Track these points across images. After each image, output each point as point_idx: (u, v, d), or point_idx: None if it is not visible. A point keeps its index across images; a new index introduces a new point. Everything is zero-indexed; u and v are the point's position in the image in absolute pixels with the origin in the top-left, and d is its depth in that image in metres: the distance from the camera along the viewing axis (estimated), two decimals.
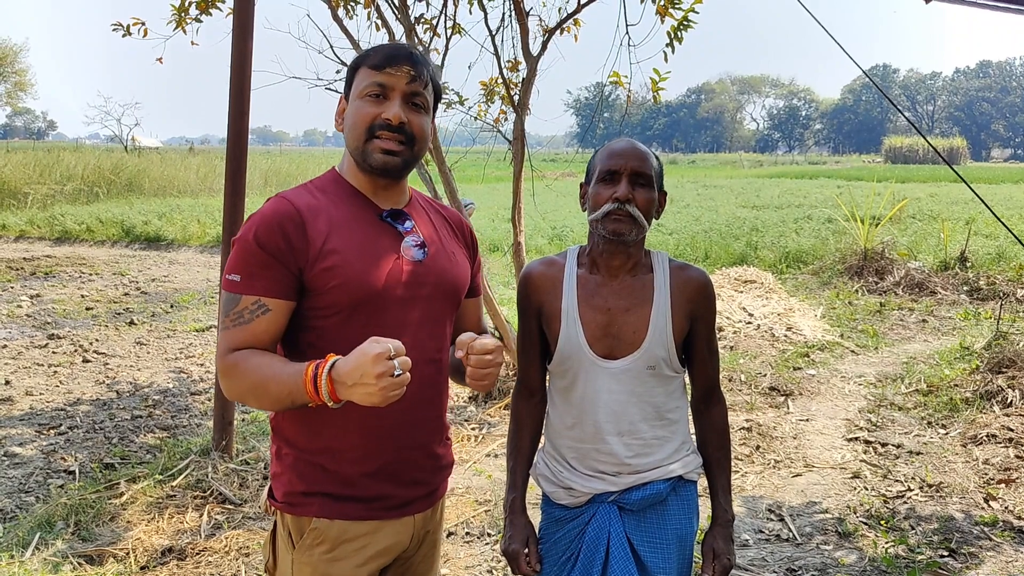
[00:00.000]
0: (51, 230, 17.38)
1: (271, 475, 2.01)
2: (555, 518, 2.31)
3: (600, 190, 2.19)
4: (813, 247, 13.72)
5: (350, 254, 1.87)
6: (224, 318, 1.85)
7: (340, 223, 1.90)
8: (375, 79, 1.91)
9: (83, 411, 6.36)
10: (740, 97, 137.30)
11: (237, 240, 1.85)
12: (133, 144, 44.39)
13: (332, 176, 2.01)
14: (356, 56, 2.00)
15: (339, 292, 1.85)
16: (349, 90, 1.97)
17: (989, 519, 4.50)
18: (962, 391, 6.53)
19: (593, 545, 2.21)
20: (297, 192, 1.92)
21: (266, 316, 1.83)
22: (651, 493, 2.22)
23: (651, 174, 2.19)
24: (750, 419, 6.08)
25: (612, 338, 2.19)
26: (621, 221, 2.15)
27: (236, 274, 1.83)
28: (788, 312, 9.28)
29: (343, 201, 1.95)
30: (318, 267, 1.84)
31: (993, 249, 12.83)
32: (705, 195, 26.89)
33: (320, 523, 1.92)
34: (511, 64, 7.01)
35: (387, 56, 1.91)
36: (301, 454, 1.94)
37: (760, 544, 4.30)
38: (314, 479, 1.93)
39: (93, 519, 4.36)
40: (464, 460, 5.35)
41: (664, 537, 2.24)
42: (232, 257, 1.85)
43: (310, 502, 1.93)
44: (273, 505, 1.99)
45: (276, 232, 1.82)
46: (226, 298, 1.85)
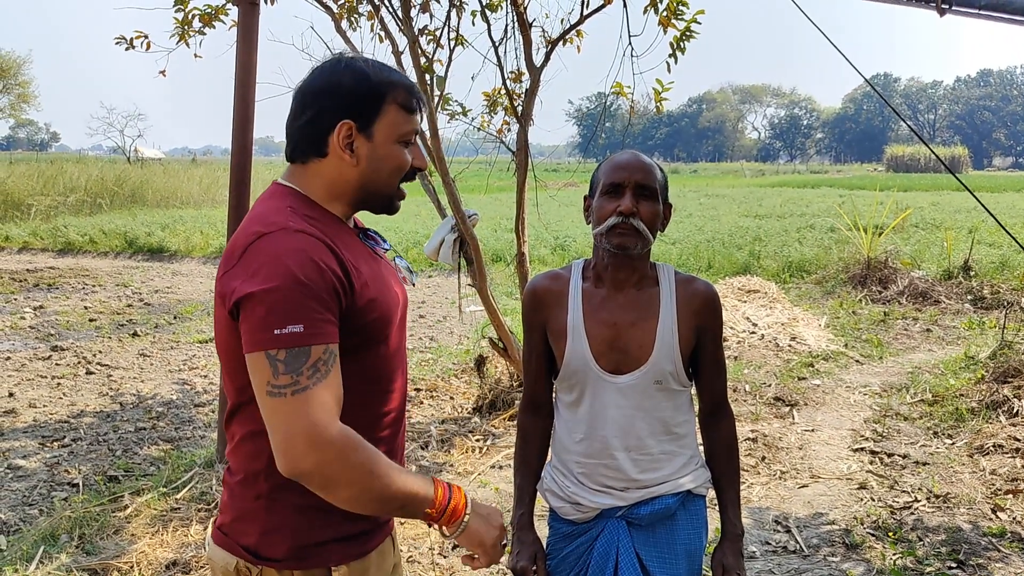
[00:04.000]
0: (54, 242, 17.41)
1: (258, 532, 1.72)
2: (563, 533, 2.29)
3: (604, 203, 2.18)
4: (816, 256, 13.70)
5: (375, 284, 1.76)
6: (296, 377, 1.55)
7: (355, 252, 1.76)
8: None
9: (87, 423, 6.35)
10: (741, 106, 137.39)
11: (276, 289, 1.56)
12: (136, 155, 44.51)
13: (301, 199, 1.77)
14: None
15: (375, 324, 1.75)
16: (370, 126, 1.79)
17: (997, 530, 4.48)
18: (968, 401, 6.51)
19: (602, 561, 2.19)
20: (299, 222, 1.67)
21: (336, 364, 1.62)
22: (660, 508, 2.20)
23: (655, 186, 2.18)
24: (755, 429, 6.07)
25: (619, 352, 2.17)
26: (626, 235, 2.13)
27: (296, 324, 1.55)
28: (792, 322, 9.26)
29: (337, 225, 1.78)
30: (362, 300, 1.69)
31: (997, 258, 12.81)
32: (707, 204, 26.90)
33: (341, 570, 1.75)
34: (514, 75, 7.01)
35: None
36: (308, 499, 1.65)
37: (767, 556, 4.28)
38: (328, 524, 1.73)
39: (97, 532, 4.35)
40: (469, 472, 5.34)
41: (673, 552, 2.22)
42: (278, 307, 1.56)
43: (329, 549, 1.75)
44: (264, 566, 1.72)
45: (320, 269, 1.60)
46: (290, 356, 1.55)
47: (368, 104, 1.75)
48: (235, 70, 4.94)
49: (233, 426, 1.77)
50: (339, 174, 1.77)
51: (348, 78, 1.75)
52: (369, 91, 1.75)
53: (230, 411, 1.77)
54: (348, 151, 1.75)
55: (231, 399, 1.75)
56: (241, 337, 1.60)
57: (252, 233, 1.65)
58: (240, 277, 1.61)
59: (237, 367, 1.67)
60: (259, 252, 1.61)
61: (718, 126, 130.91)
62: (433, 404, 6.77)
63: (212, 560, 1.81)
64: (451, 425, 6.26)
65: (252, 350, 1.57)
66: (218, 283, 1.69)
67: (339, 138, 1.74)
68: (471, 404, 6.61)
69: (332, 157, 1.76)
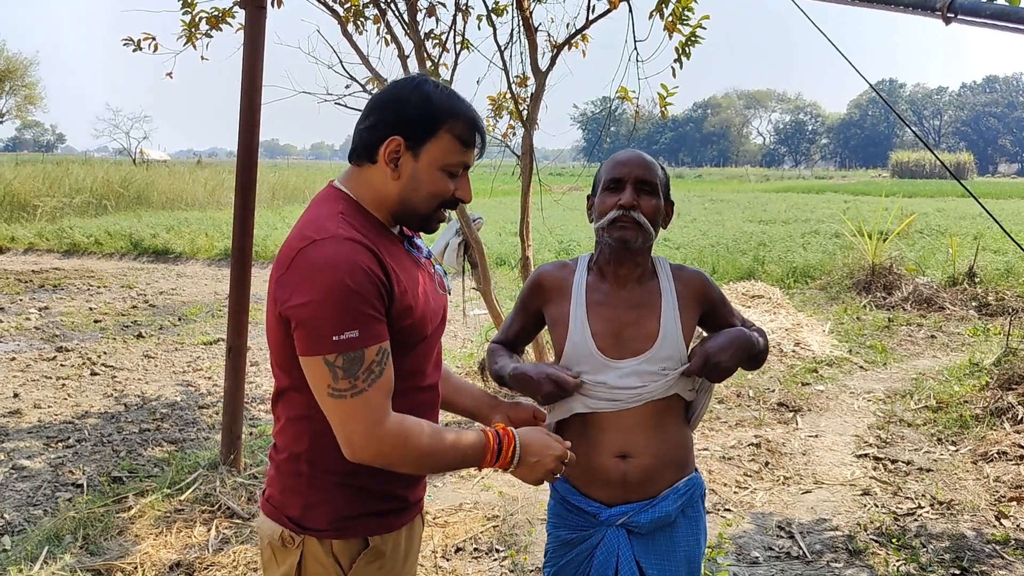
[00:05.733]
0: (60, 243, 17.44)
1: (301, 505, 1.89)
2: (563, 541, 2.30)
3: (605, 199, 2.22)
4: (820, 262, 13.69)
5: (412, 291, 1.87)
6: (354, 381, 1.72)
7: (398, 260, 1.87)
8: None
9: (91, 424, 6.37)
10: (746, 112, 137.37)
11: (330, 297, 1.69)
12: (141, 157, 44.61)
13: (352, 204, 1.88)
14: None
15: (409, 330, 1.86)
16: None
17: (1001, 537, 4.47)
18: (972, 407, 6.50)
19: (602, 569, 2.20)
20: (348, 230, 1.78)
21: (389, 360, 1.78)
22: (660, 515, 2.21)
23: (656, 182, 2.21)
24: (759, 435, 6.06)
25: (622, 343, 2.20)
26: (627, 228, 2.17)
27: (352, 329, 1.70)
28: (796, 327, 9.26)
29: (383, 232, 1.89)
30: (399, 306, 1.81)
31: (1002, 264, 12.80)
32: (712, 209, 26.91)
33: (376, 540, 1.91)
34: (519, 79, 7.03)
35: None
36: (345, 478, 1.87)
37: (770, 561, 4.27)
38: (364, 500, 1.90)
39: (101, 533, 4.36)
40: (472, 475, 5.34)
41: (673, 559, 2.23)
42: (334, 315, 1.70)
43: (364, 522, 1.91)
44: (306, 535, 1.88)
45: (368, 275, 1.73)
46: (346, 361, 1.71)
47: (423, 126, 1.84)
48: (242, 73, 4.96)
49: (278, 409, 1.93)
50: (382, 184, 1.87)
51: (414, 97, 1.85)
52: (428, 114, 1.84)
53: (276, 394, 1.94)
54: (392, 165, 1.86)
55: (277, 384, 1.92)
56: (295, 339, 1.75)
57: (305, 238, 1.77)
58: (293, 284, 1.74)
59: (284, 357, 1.83)
60: (311, 260, 1.73)
61: (723, 131, 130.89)
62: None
63: (260, 528, 1.98)
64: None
65: (310, 354, 1.73)
66: (272, 283, 1.82)
67: (387, 150, 1.84)
68: None
69: (379, 166, 1.86)
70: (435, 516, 4.73)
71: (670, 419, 2.23)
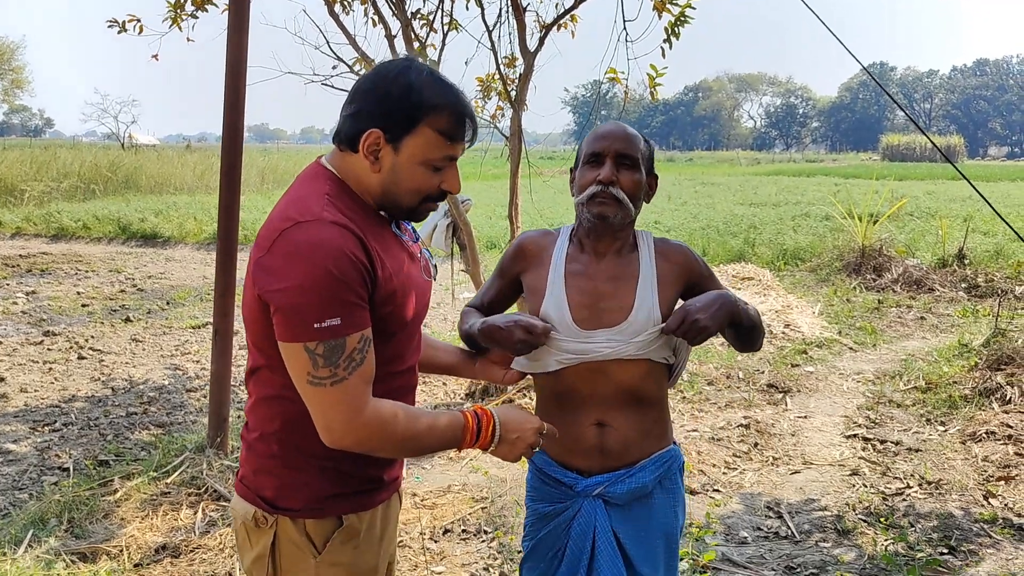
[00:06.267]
0: (47, 227, 17.33)
1: (275, 486, 1.86)
2: (541, 514, 2.28)
3: (585, 173, 2.18)
4: (811, 244, 13.69)
5: (397, 277, 1.83)
6: (334, 370, 1.68)
7: (384, 244, 1.83)
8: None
9: (78, 408, 6.33)
10: (737, 95, 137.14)
11: (312, 284, 1.65)
12: (130, 141, 44.34)
13: (338, 184, 1.83)
14: None
15: (391, 316, 1.83)
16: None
17: (989, 516, 4.48)
18: (961, 388, 6.51)
19: (580, 540, 2.18)
20: (333, 212, 1.74)
21: (370, 349, 1.75)
22: (636, 486, 2.18)
23: (637, 156, 2.17)
24: (748, 416, 6.06)
25: (597, 314, 2.16)
26: (606, 204, 2.12)
27: (334, 317, 1.67)
28: (786, 309, 9.26)
29: (370, 215, 1.85)
30: (382, 292, 1.78)
31: (991, 246, 12.82)
32: (703, 192, 26.87)
33: (351, 519, 1.89)
34: (508, 60, 6.98)
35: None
36: (319, 459, 1.84)
37: (759, 542, 4.27)
38: (338, 480, 1.87)
39: (87, 516, 4.33)
40: (461, 456, 5.32)
41: (650, 530, 2.21)
42: (315, 302, 1.66)
43: (338, 502, 1.88)
44: (280, 515, 1.86)
45: (352, 261, 1.69)
46: (327, 349, 1.67)
47: (403, 120, 1.78)
48: (226, 53, 4.90)
49: (251, 386, 1.90)
50: (364, 174, 1.83)
51: (396, 88, 1.78)
52: (408, 107, 1.77)
53: (249, 371, 1.89)
54: (372, 157, 1.80)
55: (251, 361, 1.88)
56: (275, 324, 1.71)
57: (288, 219, 1.72)
58: (275, 267, 1.69)
59: (260, 336, 1.79)
60: (294, 243, 1.69)
61: (714, 115, 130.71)
62: (426, 390, 6.75)
63: (234, 509, 1.95)
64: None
65: (290, 340, 1.69)
66: (252, 263, 1.77)
67: (366, 143, 1.79)
68: (464, 390, 6.59)
69: (360, 156, 1.81)
70: (423, 498, 4.72)
71: (648, 389, 2.20)
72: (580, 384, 2.17)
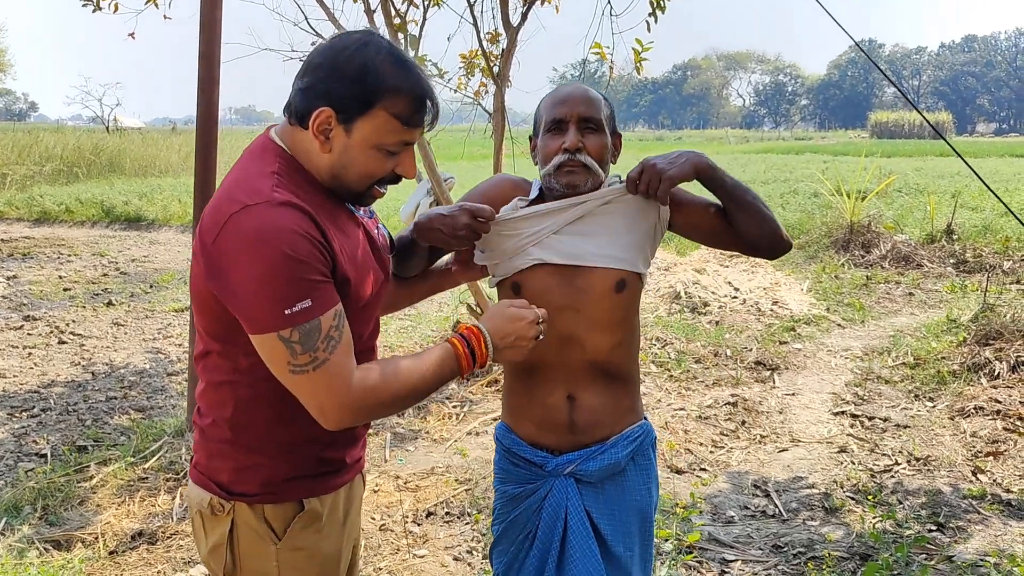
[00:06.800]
0: (30, 211, 17.14)
1: (230, 470, 1.78)
2: (510, 496, 2.19)
3: (548, 141, 2.07)
4: (799, 221, 13.62)
5: (351, 256, 1.75)
6: (314, 354, 1.61)
7: (338, 223, 1.75)
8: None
9: (57, 393, 6.23)
10: (726, 73, 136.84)
11: (274, 270, 1.56)
12: (115, 125, 43.95)
13: (287, 161, 1.73)
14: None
15: (346, 300, 1.73)
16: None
17: (977, 492, 4.44)
18: (949, 363, 6.47)
19: (551, 521, 2.10)
20: (282, 192, 1.64)
21: (345, 323, 1.67)
22: (609, 463, 2.10)
23: (600, 117, 2.07)
24: (735, 394, 6.00)
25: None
26: (575, 172, 2.03)
27: (303, 300, 1.58)
28: (774, 286, 9.20)
29: (321, 193, 1.75)
30: (338, 272, 1.69)
31: (979, 221, 12.76)
32: None
33: (312, 503, 1.82)
34: (491, 35, 6.86)
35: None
36: (274, 443, 1.78)
37: (746, 521, 4.22)
38: (296, 463, 1.80)
39: (61, 503, 4.25)
40: (445, 439, 5.26)
41: (623, 509, 2.13)
42: (282, 288, 1.57)
43: (297, 485, 1.81)
44: (236, 501, 1.78)
45: (308, 239, 1.60)
46: (303, 334, 1.59)
47: (357, 102, 1.67)
48: (199, 26, 4.78)
49: (201, 370, 1.81)
50: (315, 152, 1.73)
51: (351, 67, 1.67)
52: (363, 90, 1.67)
53: (198, 356, 1.80)
54: (323, 137, 1.70)
55: (201, 346, 1.78)
56: (241, 319, 1.62)
57: (235, 202, 1.62)
58: (229, 257, 1.59)
59: (209, 321, 1.71)
60: (244, 230, 1.59)
61: (703, 93, 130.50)
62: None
63: (188, 497, 1.87)
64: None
65: (261, 332, 1.60)
66: (199, 247, 1.66)
67: (316, 121, 1.68)
68: None
69: (310, 134, 1.71)
70: (406, 480, 4.65)
71: (619, 361, 2.12)
72: (549, 355, 2.07)
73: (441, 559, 3.83)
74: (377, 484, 4.60)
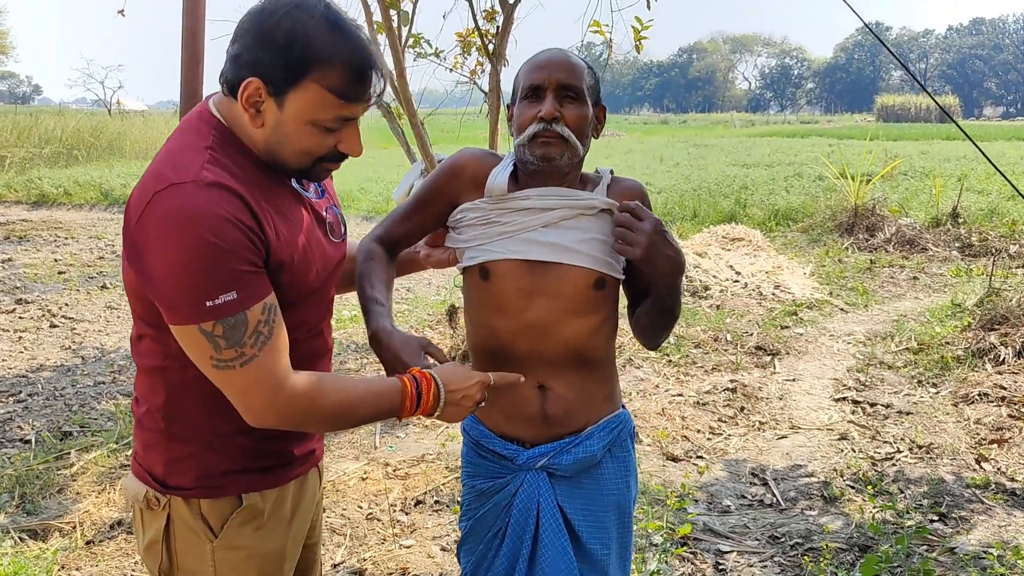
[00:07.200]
0: (28, 194, 17.03)
1: (163, 462, 1.67)
2: (478, 491, 2.05)
3: (524, 109, 1.91)
4: (803, 204, 13.48)
5: (292, 241, 1.61)
6: (240, 349, 1.48)
7: (277, 204, 1.61)
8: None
9: (45, 377, 6.13)
10: (732, 56, 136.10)
11: (196, 258, 1.44)
12: (118, 107, 43.81)
13: (224, 134, 1.59)
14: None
15: (287, 287, 1.61)
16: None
17: (981, 481, 4.32)
18: (953, 349, 6.34)
19: (522, 518, 1.95)
20: (214, 170, 1.50)
21: (278, 315, 1.54)
22: (584, 455, 1.96)
23: (581, 86, 1.90)
24: (735, 379, 5.88)
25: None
26: (550, 144, 1.86)
27: (227, 292, 1.45)
28: (776, 270, 9.06)
29: (257, 170, 1.60)
30: (276, 258, 1.57)
31: (986, 205, 12.62)
32: (695, 154, 26.55)
33: (252, 498, 1.69)
34: (487, 13, 6.72)
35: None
36: (211, 435, 1.66)
37: (742, 510, 4.11)
38: (235, 456, 1.67)
39: (40, 491, 4.15)
40: (436, 425, 5.15)
41: (600, 504, 1.99)
42: (203, 277, 1.44)
43: (236, 479, 1.68)
44: (173, 495, 1.67)
45: (236, 226, 1.47)
46: (227, 328, 1.47)
47: (287, 72, 1.52)
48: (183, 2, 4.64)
49: (136, 354, 1.70)
50: (248, 125, 1.58)
51: (279, 34, 1.50)
52: (294, 59, 1.51)
53: (133, 339, 1.70)
54: (253, 110, 1.55)
55: (135, 330, 1.68)
56: (160, 307, 1.51)
57: (161, 179, 1.49)
58: (150, 239, 1.47)
59: (139, 305, 1.60)
60: (167, 212, 1.45)
61: (708, 76, 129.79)
62: None
63: (125, 489, 1.76)
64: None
65: (180, 323, 1.49)
66: (126, 225, 1.54)
67: (244, 93, 1.53)
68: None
69: (241, 106, 1.56)
70: (395, 468, 4.54)
71: (594, 347, 1.98)
72: (519, 342, 1.93)
73: (428, 549, 3.73)
74: (366, 472, 4.49)
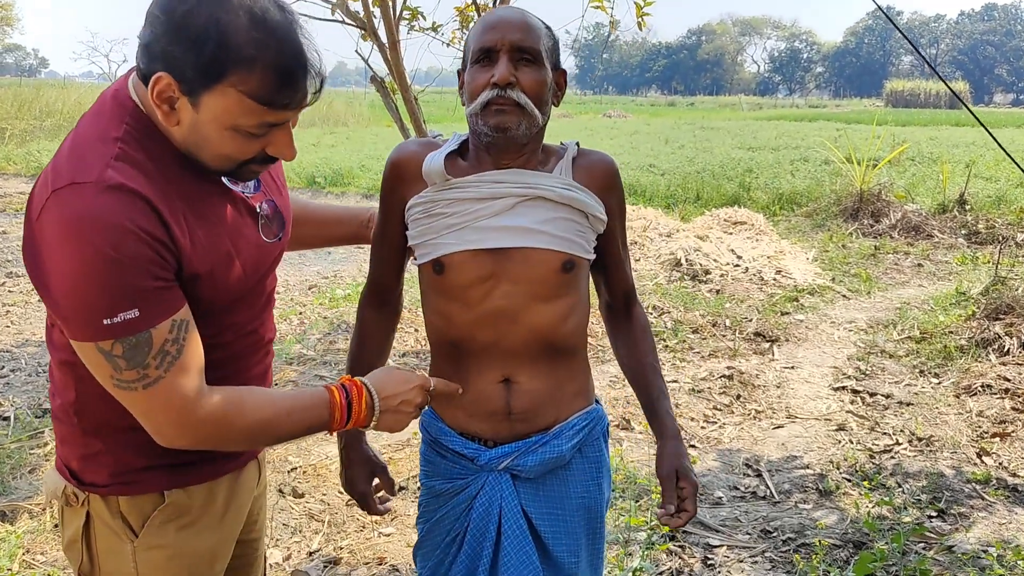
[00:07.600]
0: (27, 167, 16.89)
1: (78, 456, 1.55)
2: (436, 492, 1.89)
3: (475, 75, 1.70)
4: (808, 188, 13.30)
5: (213, 246, 1.45)
6: (143, 371, 1.34)
7: (195, 202, 1.44)
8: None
9: (29, 353, 6.02)
10: (741, 39, 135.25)
11: (91, 271, 1.28)
12: None
13: (139, 122, 1.41)
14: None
15: (209, 296, 1.48)
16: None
17: (981, 476, 4.19)
18: (957, 338, 6.20)
19: (482, 523, 1.80)
20: (120, 168, 1.33)
21: (190, 331, 1.40)
22: (551, 456, 1.80)
23: (539, 48, 1.71)
24: (732, 366, 5.75)
25: None
26: (504, 112, 1.66)
27: (128, 309, 1.30)
28: (778, 255, 8.91)
29: (176, 164, 1.43)
30: (192, 269, 1.42)
31: (993, 192, 12.44)
32: (701, 136, 26.32)
33: (177, 495, 1.57)
34: None
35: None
36: (126, 431, 1.49)
37: (734, 502, 3.98)
38: (154, 450, 1.50)
39: (11, 471, 4.04)
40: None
41: (568, 508, 1.83)
42: (95, 293, 1.29)
43: (157, 475, 1.56)
44: (91, 492, 1.55)
45: (138, 237, 1.31)
46: (128, 348, 1.32)
47: (198, 74, 1.32)
48: None
49: (48, 343, 1.56)
50: (161, 120, 1.40)
51: (192, 27, 1.30)
52: (205, 60, 1.31)
53: (47, 328, 1.56)
54: (166, 107, 1.36)
55: (48, 317, 1.54)
56: (58, 320, 1.38)
57: (64, 174, 1.32)
58: (44, 245, 1.32)
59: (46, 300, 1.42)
60: (63, 216, 1.29)
61: (717, 59, 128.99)
62: (396, 337, 6.43)
63: (45, 484, 1.68)
64: (411, 359, 5.95)
65: (77, 339, 1.35)
66: (27, 217, 1.38)
67: (155, 88, 1.34)
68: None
69: (152, 102, 1.37)
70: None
71: (565, 335, 1.80)
72: (481, 332, 1.76)
73: (408, 538, 3.61)
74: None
